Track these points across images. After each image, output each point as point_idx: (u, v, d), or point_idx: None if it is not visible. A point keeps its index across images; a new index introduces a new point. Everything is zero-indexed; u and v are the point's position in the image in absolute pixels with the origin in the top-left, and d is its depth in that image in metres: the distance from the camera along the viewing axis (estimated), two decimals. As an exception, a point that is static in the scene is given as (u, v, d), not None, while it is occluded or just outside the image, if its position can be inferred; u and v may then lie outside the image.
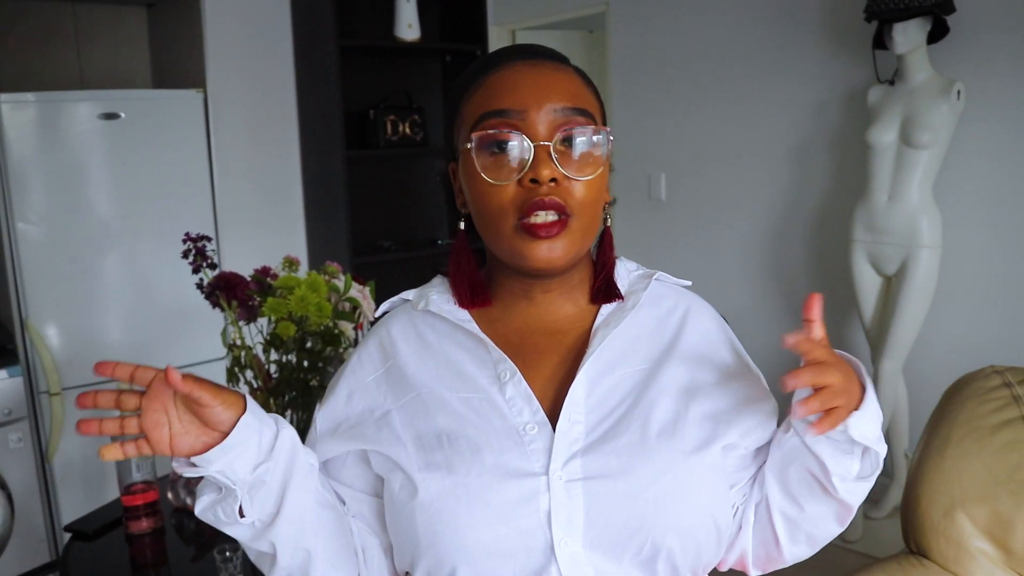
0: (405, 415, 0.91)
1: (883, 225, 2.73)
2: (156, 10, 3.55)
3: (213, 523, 0.86)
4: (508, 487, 0.84)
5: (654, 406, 0.89)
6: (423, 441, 0.89)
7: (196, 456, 0.80)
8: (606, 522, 0.84)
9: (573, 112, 0.87)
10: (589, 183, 0.87)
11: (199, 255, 1.80)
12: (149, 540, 1.82)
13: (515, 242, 0.87)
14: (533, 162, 0.85)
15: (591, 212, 0.88)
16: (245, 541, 0.88)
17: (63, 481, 2.91)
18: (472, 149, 0.87)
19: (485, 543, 0.83)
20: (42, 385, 2.86)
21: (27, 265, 2.83)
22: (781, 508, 0.95)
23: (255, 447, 0.83)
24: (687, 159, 3.55)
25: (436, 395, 0.92)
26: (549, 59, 0.92)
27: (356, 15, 3.70)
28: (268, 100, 3.60)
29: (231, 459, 0.81)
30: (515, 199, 0.86)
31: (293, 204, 3.73)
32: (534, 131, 0.86)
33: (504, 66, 0.90)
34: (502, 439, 0.87)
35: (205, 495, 0.86)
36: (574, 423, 0.88)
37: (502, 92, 0.88)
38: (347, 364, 0.99)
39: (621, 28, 3.71)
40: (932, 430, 1.65)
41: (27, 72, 3.28)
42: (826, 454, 0.87)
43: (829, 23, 3.01)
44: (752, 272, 3.41)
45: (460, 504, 0.84)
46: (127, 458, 0.80)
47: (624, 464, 0.85)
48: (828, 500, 0.92)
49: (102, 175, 2.98)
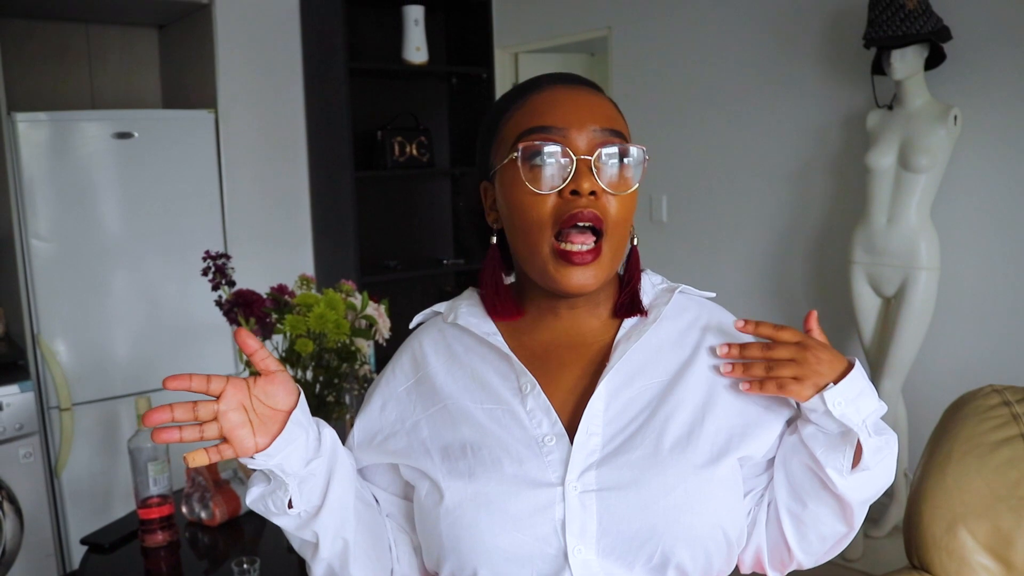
0: (433, 425, 0.96)
1: (882, 247, 2.78)
2: (168, 31, 3.61)
3: (263, 513, 0.91)
4: (525, 496, 0.89)
5: (670, 419, 0.93)
6: (448, 451, 0.94)
7: (259, 452, 0.85)
8: (618, 532, 0.88)
9: (610, 133, 0.92)
10: (623, 199, 0.92)
11: (219, 272, 1.84)
12: (164, 553, 1.84)
13: (549, 266, 0.91)
14: (575, 175, 0.90)
15: (622, 231, 0.93)
16: (290, 530, 0.93)
17: (71, 496, 2.93)
18: (518, 159, 0.91)
19: (503, 548, 0.88)
20: (52, 400, 2.89)
21: (40, 281, 2.87)
22: (787, 506, 0.98)
23: (304, 443, 0.88)
24: (689, 181, 3.60)
25: (461, 406, 0.96)
26: (586, 85, 0.98)
27: (365, 38, 3.77)
28: (278, 120, 3.66)
29: (288, 453, 0.86)
30: (554, 210, 0.90)
31: (301, 223, 3.78)
32: (575, 147, 0.90)
33: (545, 89, 0.95)
34: (522, 450, 0.92)
35: (256, 486, 0.91)
36: (591, 435, 0.92)
37: (544, 110, 0.93)
38: (383, 375, 1.05)
39: (622, 52, 3.78)
40: (933, 448, 1.68)
41: (40, 91, 3.32)
42: (818, 446, 0.91)
43: (829, 48, 3.07)
44: (753, 293, 3.46)
45: (480, 511, 0.89)
46: (211, 463, 0.84)
47: (637, 476, 0.89)
48: (829, 497, 0.95)
49: (114, 193, 3.03)
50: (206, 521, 1.95)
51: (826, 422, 0.90)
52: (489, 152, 0.99)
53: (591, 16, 3.86)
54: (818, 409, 0.89)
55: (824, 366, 0.90)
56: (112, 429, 2.97)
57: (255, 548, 1.92)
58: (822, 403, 0.88)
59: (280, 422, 0.86)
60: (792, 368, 0.90)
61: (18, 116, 2.80)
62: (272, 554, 1.88)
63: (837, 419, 0.89)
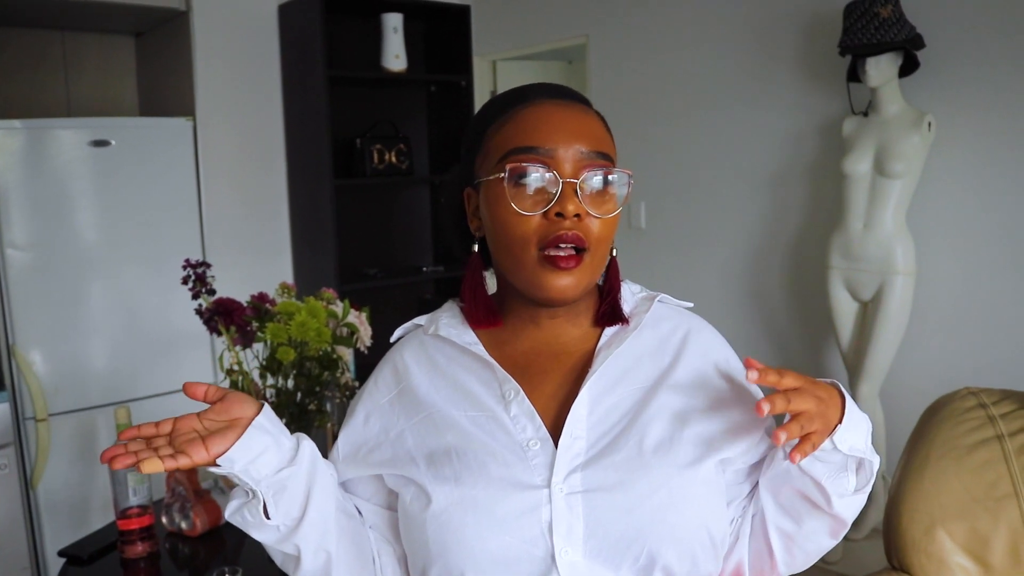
0: (417, 434, 0.97)
1: (859, 252, 2.81)
2: (145, 39, 3.59)
3: (241, 525, 0.92)
4: (512, 499, 0.90)
5: (650, 424, 0.94)
6: (434, 458, 0.94)
7: (221, 456, 0.86)
8: (604, 532, 0.88)
9: (596, 155, 0.93)
10: (606, 221, 0.93)
11: (199, 281, 1.83)
12: (144, 564, 1.82)
13: (535, 272, 0.92)
14: (560, 197, 0.91)
15: (604, 249, 0.95)
16: (271, 543, 0.93)
17: (48, 508, 2.89)
18: (504, 179, 0.92)
19: (491, 551, 0.88)
20: (28, 411, 2.85)
21: (15, 291, 2.84)
22: (777, 523, 0.99)
23: (275, 452, 0.89)
24: (667, 188, 3.62)
25: (445, 414, 0.97)
26: (576, 101, 0.99)
27: (344, 45, 3.76)
28: (256, 128, 3.64)
29: (252, 459, 0.87)
30: (538, 230, 0.91)
31: (281, 231, 3.76)
32: (561, 169, 0.92)
33: (533, 103, 0.96)
34: (507, 454, 0.92)
35: (235, 499, 0.92)
36: (575, 439, 0.93)
37: (531, 129, 0.93)
38: (365, 388, 1.05)
39: (600, 60, 3.80)
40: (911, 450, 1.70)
41: (14, 99, 3.29)
42: (822, 475, 0.91)
43: (805, 56, 3.10)
44: (731, 298, 3.48)
45: (467, 515, 0.89)
46: (167, 471, 0.84)
47: (622, 478, 0.90)
48: (822, 516, 0.96)
49: (90, 202, 3.00)
50: (186, 531, 1.93)
51: (831, 456, 0.89)
52: (474, 161, 0.99)
53: (569, 24, 3.88)
54: (827, 448, 0.87)
55: (830, 409, 0.86)
56: (89, 440, 2.94)
57: (236, 558, 1.91)
58: (831, 443, 0.87)
59: (239, 430, 0.87)
60: (817, 421, 0.85)
61: (-8, 124, 2.77)
62: (254, 564, 1.86)
63: (846, 453, 0.88)
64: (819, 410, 0.84)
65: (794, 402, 0.81)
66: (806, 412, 0.82)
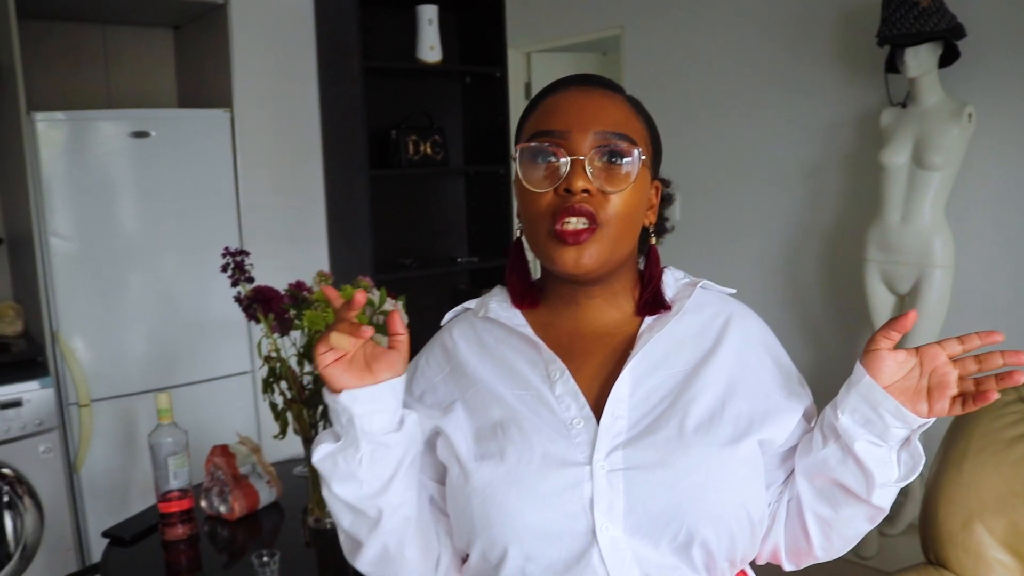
0: (467, 407, 1.00)
1: (896, 245, 2.78)
2: (183, 31, 3.64)
3: (326, 472, 0.93)
4: (555, 475, 0.92)
5: (691, 405, 0.96)
6: (480, 432, 0.97)
7: (348, 390, 0.89)
8: (644, 509, 0.91)
9: (613, 136, 0.96)
10: (619, 197, 0.95)
11: (237, 269, 1.86)
12: (184, 546, 1.87)
13: (547, 246, 0.96)
14: (568, 174, 0.94)
15: (621, 225, 0.96)
16: (351, 501, 0.94)
17: (90, 491, 2.96)
18: (517, 159, 0.97)
19: (533, 525, 0.91)
20: (71, 397, 2.92)
21: (58, 279, 2.89)
22: (814, 509, 1.00)
23: (390, 415, 0.92)
24: (702, 180, 3.61)
25: (493, 391, 1.00)
26: (602, 87, 1.01)
27: (379, 37, 3.78)
28: (293, 119, 3.68)
29: (372, 411, 0.90)
30: (551, 205, 0.95)
31: (316, 221, 3.80)
32: (574, 149, 0.95)
33: (559, 92, 1.00)
34: (551, 432, 0.95)
35: (323, 444, 0.94)
36: (617, 418, 0.95)
37: (551, 114, 0.98)
38: (414, 367, 1.08)
39: (635, 51, 3.78)
40: (949, 444, 1.69)
41: (56, 91, 3.35)
42: (876, 461, 0.92)
43: (842, 47, 3.07)
44: (766, 291, 3.46)
45: (511, 489, 0.92)
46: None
47: (662, 456, 0.92)
48: (859, 503, 0.97)
49: (131, 192, 3.05)
50: (225, 515, 1.97)
51: (899, 434, 0.92)
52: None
53: (603, 15, 3.87)
54: (914, 425, 0.92)
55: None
56: (130, 425, 2.99)
57: (273, 542, 1.94)
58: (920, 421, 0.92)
59: (375, 380, 0.90)
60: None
61: (37, 116, 2.82)
62: (290, 548, 1.90)
63: (916, 429, 0.92)
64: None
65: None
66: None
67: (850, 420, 0.92)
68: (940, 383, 0.90)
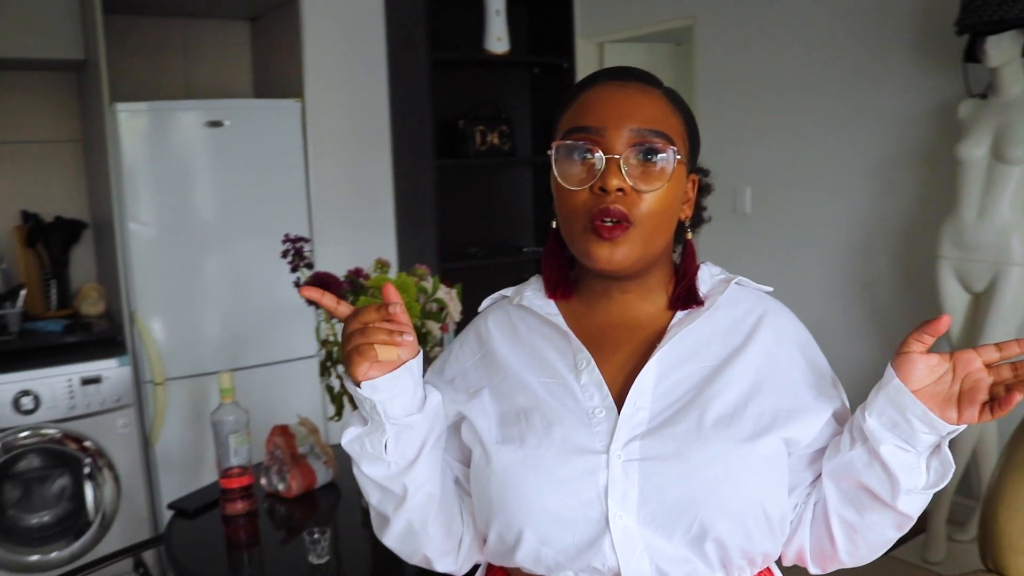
0: (494, 393, 1.02)
1: (972, 241, 2.68)
2: (259, 24, 3.74)
3: (355, 454, 0.97)
4: (572, 462, 0.93)
5: (714, 399, 0.95)
6: (504, 417, 0.99)
7: (368, 381, 0.91)
8: (659, 500, 0.91)
9: (649, 133, 0.95)
10: (653, 195, 0.95)
11: (297, 255, 1.92)
12: (243, 521, 1.94)
13: (583, 241, 0.96)
14: (603, 172, 0.94)
15: (655, 222, 0.96)
16: (378, 479, 0.98)
17: (164, 465, 3.09)
18: (553, 157, 0.97)
19: (549, 510, 0.92)
20: (147, 375, 3.05)
21: (137, 263, 3.02)
22: (840, 513, 0.98)
23: (411, 397, 0.94)
24: (773, 172, 3.54)
25: (520, 378, 1.02)
26: (638, 81, 1.00)
27: (447, 29, 3.83)
28: (362, 110, 3.75)
29: (392, 396, 0.92)
30: (586, 204, 0.95)
31: (384, 209, 3.87)
32: (610, 146, 0.95)
33: (595, 86, 1.00)
34: (572, 420, 0.96)
35: (352, 428, 0.97)
36: (639, 409, 0.96)
37: (587, 110, 0.98)
38: (451, 351, 1.11)
39: (708, 41, 3.73)
40: (1012, 449, 1.63)
41: (138, 82, 3.49)
42: (903, 466, 0.90)
43: (920, 35, 2.97)
44: (836, 286, 3.38)
45: (529, 474, 0.94)
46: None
47: (679, 448, 0.92)
48: (885, 509, 0.95)
49: (206, 179, 3.16)
50: (283, 493, 2.03)
51: (926, 440, 0.89)
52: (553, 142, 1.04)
53: (676, 5, 3.82)
54: (943, 431, 0.88)
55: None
56: (201, 403, 3.11)
57: (329, 521, 2.00)
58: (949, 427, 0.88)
59: (393, 364, 0.92)
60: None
61: (119, 106, 2.95)
62: (346, 527, 1.95)
63: (946, 436, 0.89)
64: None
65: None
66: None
67: (877, 423, 0.90)
68: (972, 389, 0.86)
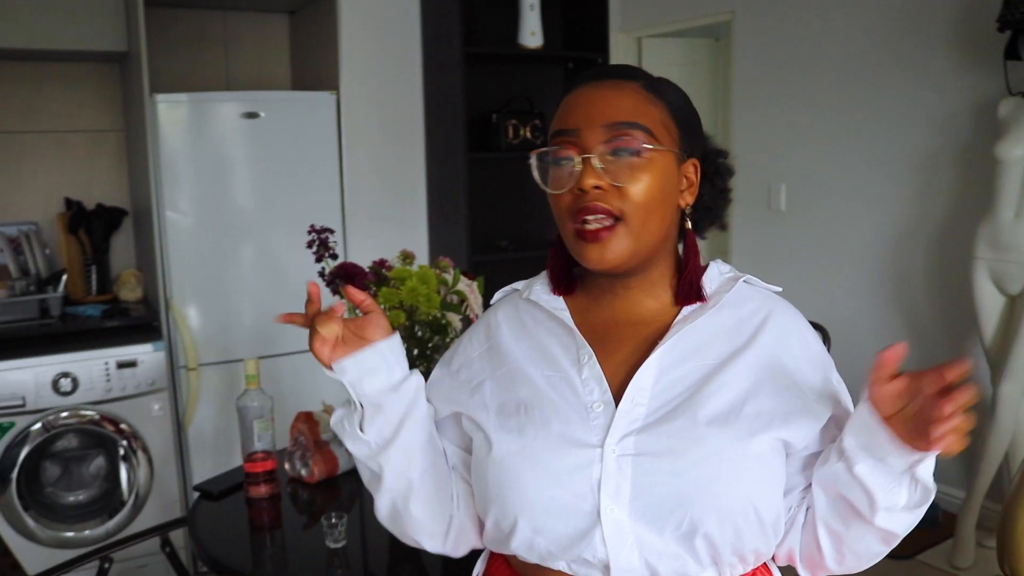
0: (496, 385, 1.05)
1: (1008, 243, 2.63)
2: (297, 17, 3.79)
3: (340, 434, 1.04)
4: (567, 454, 0.95)
5: (711, 397, 0.96)
6: (504, 408, 1.02)
7: (336, 362, 1.00)
8: (650, 495, 0.92)
9: (621, 126, 0.96)
10: (637, 188, 0.95)
11: (322, 246, 1.95)
12: (266, 505, 1.97)
13: (575, 245, 0.99)
14: (580, 173, 0.95)
15: (642, 214, 0.96)
16: (361, 457, 1.05)
17: (196, 448, 3.16)
18: (533, 166, 1.01)
19: (543, 500, 0.95)
20: (181, 360, 3.11)
21: (173, 250, 3.09)
22: (826, 521, 0.99)
23: (384, 376, 1.01)
24: (809, 170, 3.51)
25: (523, 370, 1.04)
26: (613, 77, 1.01)
27: (481, 23, 3.84)
28: (396, 103, 3.79)
29: (360, 376, 1.00)
30: (570, 206, 0.98)
31: (417, 202, 3.90)
32: (584, 146, 0.96)
33: (573, 90, 1.02)
34: (571, 413, 0.98)
35: (340, 409, 1.05)
36: (636, 404, 0.97)
37: (564, 114, 1.00)
38: (460, 342, 1.15)
39: (746, 37, 3.70)
40: (1034, 452, 1.61)
41: (179, 74, 3.55)
42: (878, 484, 0.89)
43: (959, 32, 2.92)
44: (871, 285, 3.34)
45: (526, 464, 0.96)
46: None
47: (673, 445, 0.93)
48: (865, 523, 0.94)
49: (243, 170, 3.21)
50: (306, 478, 2.07)
51: (898, 471, 0.88)
52: None
53: (714, 0, 3.79)
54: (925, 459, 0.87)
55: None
56: (233, 389, 3.16)
57: (350, 507, 2.03)
58: (914, 461, 0.87)
59: (361, 346, 1.01)
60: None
61: (159, 97, 3.01)
62: (366, 513, 1.98)
63: (920, 478, 0.88)
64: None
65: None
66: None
67: (854, 442, 0.90)
68: (917, 417, 0.83)
